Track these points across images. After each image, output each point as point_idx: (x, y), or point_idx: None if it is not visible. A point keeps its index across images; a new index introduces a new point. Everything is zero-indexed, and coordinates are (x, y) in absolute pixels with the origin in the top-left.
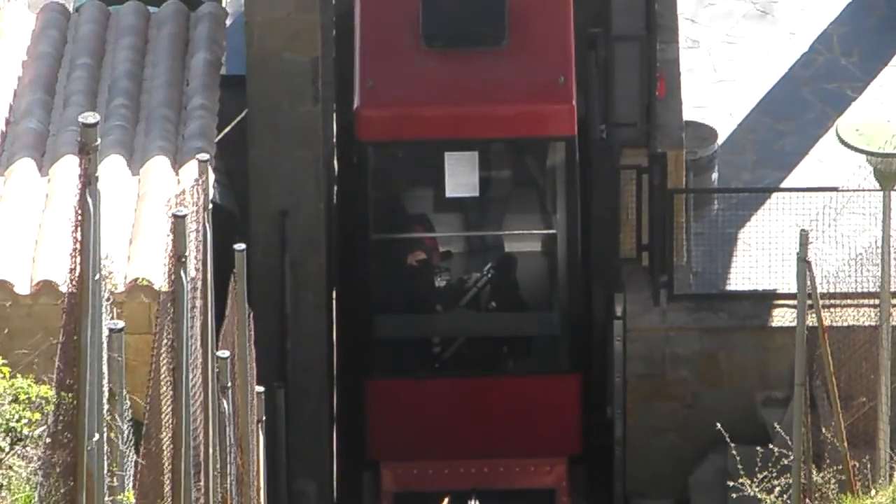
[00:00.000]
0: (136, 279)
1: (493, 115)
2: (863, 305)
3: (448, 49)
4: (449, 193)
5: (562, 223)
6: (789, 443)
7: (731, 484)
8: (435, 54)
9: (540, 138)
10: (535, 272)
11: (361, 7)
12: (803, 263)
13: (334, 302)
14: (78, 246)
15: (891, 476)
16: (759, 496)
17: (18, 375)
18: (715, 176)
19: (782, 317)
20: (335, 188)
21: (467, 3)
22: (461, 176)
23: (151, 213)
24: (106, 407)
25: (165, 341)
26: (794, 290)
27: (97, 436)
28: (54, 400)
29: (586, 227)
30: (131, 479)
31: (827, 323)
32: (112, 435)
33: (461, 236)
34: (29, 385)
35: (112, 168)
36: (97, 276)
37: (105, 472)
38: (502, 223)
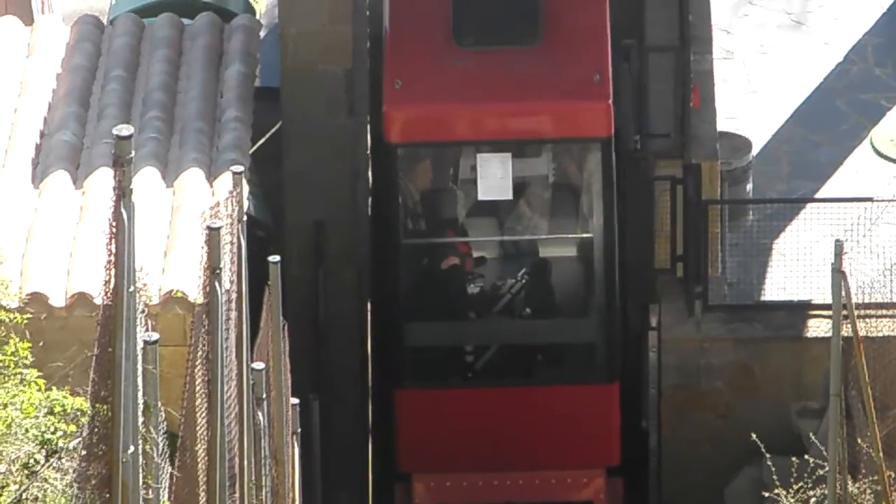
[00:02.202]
0: (170, 291)
1: (526, 115)
2: None
3: (479, 48)
4: (481, 196)
5: (598, 227)
6: (825, 453)
7: (767, 495)
8: (465, 53)
9: (575, 139)
10: (571, 278)
11: (390, 6)
12: (838, 274)
13: (369, 313)
14: (112, 258)
15: None
16: None
17: (54, 388)
18: (749, 187)
19: (817, 327)
20: (369, 199)
21: (499, 1)
22: (494, 178)
23: (186, 225)
24: (141, 419)
25: (200, 353)
26: (829, 300)
27: (132, 448)
28: (89, 412)
29: (622, 237)
30: (166, 491)
31: (862, 333)
32: (147, 447)
33: (494, 241)
34: (64, 397)
35: (146, 180)
36: (132, 288)
37: (140, 484)
38: (537, 227)
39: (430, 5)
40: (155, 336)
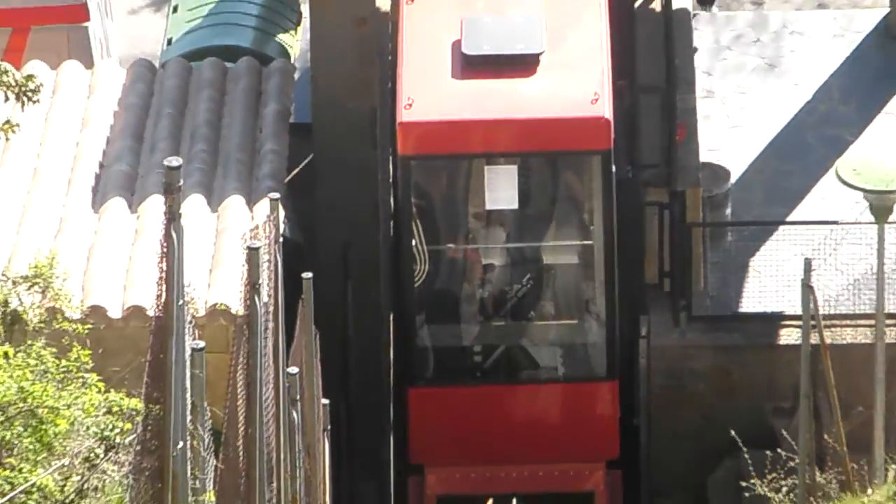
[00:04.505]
0: (215, 304)
1: (531, 130)
2: (860, 325)
3: (486, 68)
4: (489, 206)
5: (598, 234)
6: (795, 448)
7: (744, 484)
8: (473, 72)
9: (576, 151)
10: (573, 282)
11: (404, 27)
12: (807, 288)
13: (392, 323)
14: (164, 275)
15: (886, 476)
16: (768, 495)
17: (112, 390)
18: (728, 211)
19: (788, 336)
20: (391, 223)
21: (506, 24)
22: (501, 189)
23: (229, 245)
24: (189, 417)
25: (241, 359)
26: (799, 312)
27: (181, 443)
28: (143, 411)
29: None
30: (212, 481)
31: (828, 341)
32: (194, 442)
33: (501, 248)
34: (121, 398)
35: (193, 206)
36: (181, 302)
37: (188, 475)
38: (541, 235)
39: (441, 29)
40: (201, 344)
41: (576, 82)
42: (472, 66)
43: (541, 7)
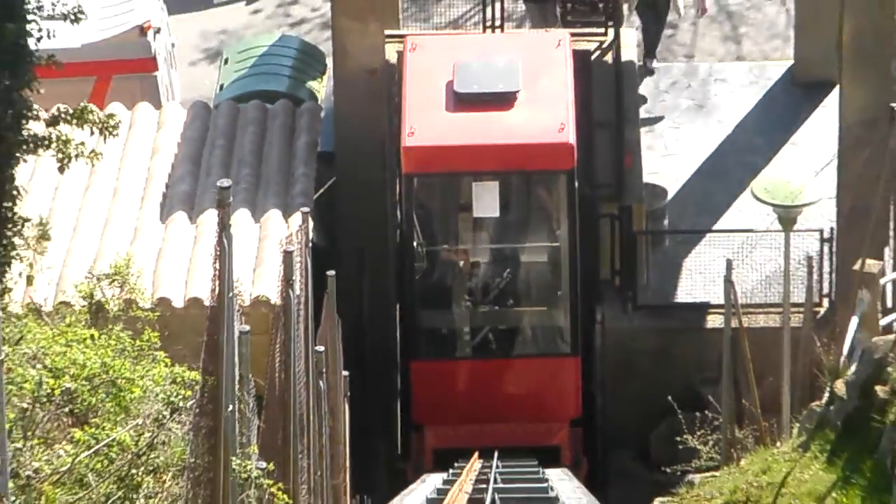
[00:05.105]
0: (258, 296)
1: (510, 153)
2: (770, 313)
3: (474, 102)
4: (476, 214)
5: (564, 238)
6: (719, 409)
7: (679, 439)
8: (464, 106)
9: (546, 171)
10: (543, 276)
11: (407, 70)
12: (728, 283)
13: (397, 310)
14: (217, 273)
15: (791, 432)
16: (698, 447)
17: (176, 364)
18: (666, 222)
19: (713, 321)
20: (398, 230)
21: (490, 68)
22: (485, 201)
23: (269, 249)
24: (237, 386)
25: (278, 340)
26: (722, 302)
27: (231, 407)
28: (201, 382)
29: (578, 254)
30: (255, 437)
31: (745, 325)
32: (241, 406)
33: (485, 248)
34: (183, 371)
35: (240, 218)
36: (230, 294)
37: (237, 432)
38: (517, 238)
39: (437, 72)
40: (247, 328)
41: (546, 115)
42: (463, 101)
43: (518, 54)
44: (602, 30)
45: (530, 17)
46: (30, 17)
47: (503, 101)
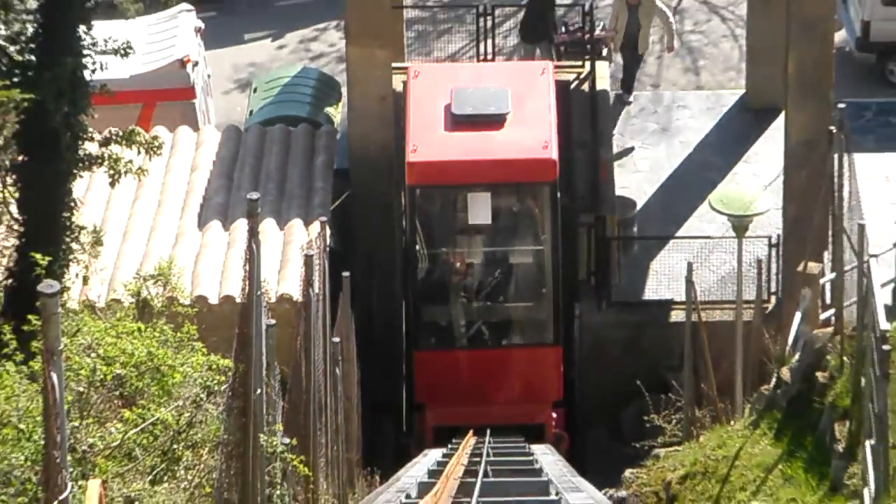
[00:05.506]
0: (282, 294)
1: (500, 167)
2: (726, 308)
3: (469, 123)
4: (470, 221)
5: (547, 242)
6: (681, 393)
7: (646, 418)
8: (460, 126)
9: (532, 183)
10: (530, 275)
11: (411, 94)
12: (689, 283)
13: (403, 306)
14: (247, 274)
15: (743, 412)
16: (663, 426)
17: (211, 354)
18: (635, 229)
19: (677, 315)
20: (402, 237)
21: (483, 93)
22: (479, 209)
23: (292, 253)
24: (264, 373)
25: (300, 333)
26: (684, 299)
27: (259, 390)
28: (233, 368)
29: (560, 257)
30: (280, 416)
31: (704, 319)
32: (268, 390)
33: (479, 251)
34: (218, 359)
35: (267, 226)
36: (259, 293)
37: (264, 412)
38: (507, 242)
39: (437, 96)
40: (272, 322)
41: (532, 134)
42: (459, 122)
43: (507, 81)
44: (580, 63)
45: (525, 54)
46: (85, 52)
47: (495, 121)
